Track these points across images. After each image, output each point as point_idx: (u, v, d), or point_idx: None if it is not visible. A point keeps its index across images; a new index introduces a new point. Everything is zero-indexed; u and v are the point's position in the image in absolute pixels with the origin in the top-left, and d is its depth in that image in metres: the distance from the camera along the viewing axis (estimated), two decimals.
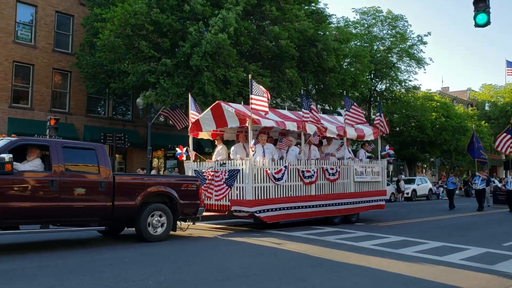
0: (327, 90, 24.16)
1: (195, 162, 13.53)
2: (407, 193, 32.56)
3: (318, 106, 28.66)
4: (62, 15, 24.67)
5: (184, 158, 13.48)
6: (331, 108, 27.41)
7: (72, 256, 8.05)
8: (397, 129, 41.57)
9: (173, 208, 10.10)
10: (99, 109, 26.37)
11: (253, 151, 11.85)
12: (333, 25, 27.62)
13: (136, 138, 25.79)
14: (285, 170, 12.32)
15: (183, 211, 10.32)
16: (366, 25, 35.03)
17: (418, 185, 34.36)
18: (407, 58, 35.97)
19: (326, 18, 25.11)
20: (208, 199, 12.42)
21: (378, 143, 16.31)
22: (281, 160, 12.68)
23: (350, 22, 34.54)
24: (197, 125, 13.46)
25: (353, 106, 14.61)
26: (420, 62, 36.03)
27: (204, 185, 12.40)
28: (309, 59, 22.41)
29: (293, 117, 13.58)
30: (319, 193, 13.37)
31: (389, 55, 35.30)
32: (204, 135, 14.32)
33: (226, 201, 12.09)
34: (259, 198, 11.77)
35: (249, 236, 11.11)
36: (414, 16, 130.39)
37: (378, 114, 16.32)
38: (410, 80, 37.49)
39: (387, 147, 16.55)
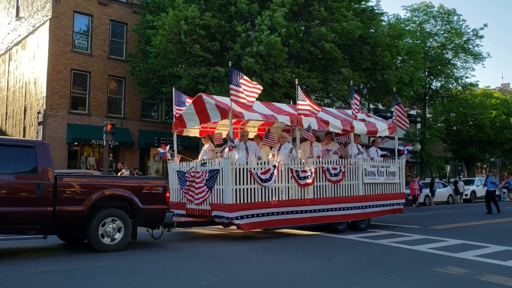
0: (380, 88, 23.58)
1: (181, 162, 12.21)
2: (466, 195, 31.30)
3: (370, 105, 28.10)
4: (116, 23, 25.51)
5: (169, 157, 12.39)
6: (385, 107, 26.75)
7: (127, 257, 8.22)
8: (454, 128, 40.11)
9: (133, 214, 8.89)
10: (152, 114, 27.05)
11: (232, 147, 10.41)
12: (385, 23, 26.95)
13: (188, 141, 26.11)
14: (274, 170, 10.79)
15: (145, 218, 9.07)
16: (418, 22, 33.99)
17: (477, 186, 32.92)
18: (463, 54, 34.56)
19: (377, 16, 24.56)
20: (190, 202, 11.28)
21: (395, 139, 14.26)
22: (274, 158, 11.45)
23: (401, 20, 33.66)
24: (181, 121, 12.17)
25: (355, 96, 12.92)
26: (477, 57, 34.54)
27: (185, 187, 11.40)
28: (360, 57, 21.99)
29: (289, 111, 12.09)
30: (318, 196, 11.71)
31: (444, 51, 34.06)
32: (190, 132, 13.00)
33: (206, 205, 10.80)
34: (243, 202, 10.36)
35: (296, 239, 10.99)
36: (470, 8, 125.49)
37: (395, 106, 14.27)
38: (467, 77, 35.97)
39: (404, 144, 14.46)
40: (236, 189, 10.27)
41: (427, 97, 35.32)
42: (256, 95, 10.71)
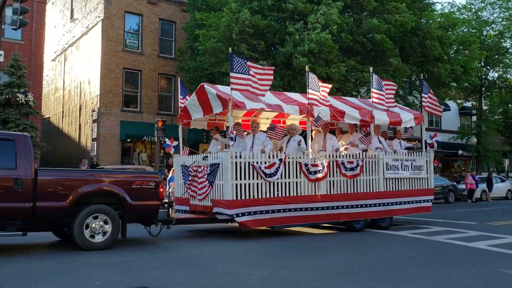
0: (433, 80, 22.85)
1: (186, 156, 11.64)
2: None
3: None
4: (165, 22, 25.99)
5: (171, 151, 11.98)
6: (439, 99, 25.89)
7: (179, 250, 8.37)
8: None
9: (123, 210, 8.41)
10: None
11: (231, 139, 9.75)
12: (437, 12, 26.05)
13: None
14: (280, 164, 10.01)
15: (136, 214, 8.56)
16: (474, 10, 32.60)
17: None
18: None
19: (429, 5, 23.81)
20: (192, 198, 10.74)
21: (422, 130, 13.37)
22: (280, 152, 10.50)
23: (455, 8, 32.42)
24: (186, 113, 11.51)
25: (387, 83, 11.92)
26: None
27: (187, 182, 10.92)
28: (410, 49, 21.42)
29: (300, 100, 11.18)
30: (331, 193, 10.75)
31: (501, 40, 32.52)
32: (197, 124, 12.23)
33: (208, 201, 10.19)
34: (245, 198, 9.64)
35: (346, 235, 10.80)
36: None
37: (425, 95, 12.97)
38: None
39: (432, 136, 13.30)
40: (236, 184, 9.59)
41: (483, 89, 33.89)
42: (270, 82, 10.06)
